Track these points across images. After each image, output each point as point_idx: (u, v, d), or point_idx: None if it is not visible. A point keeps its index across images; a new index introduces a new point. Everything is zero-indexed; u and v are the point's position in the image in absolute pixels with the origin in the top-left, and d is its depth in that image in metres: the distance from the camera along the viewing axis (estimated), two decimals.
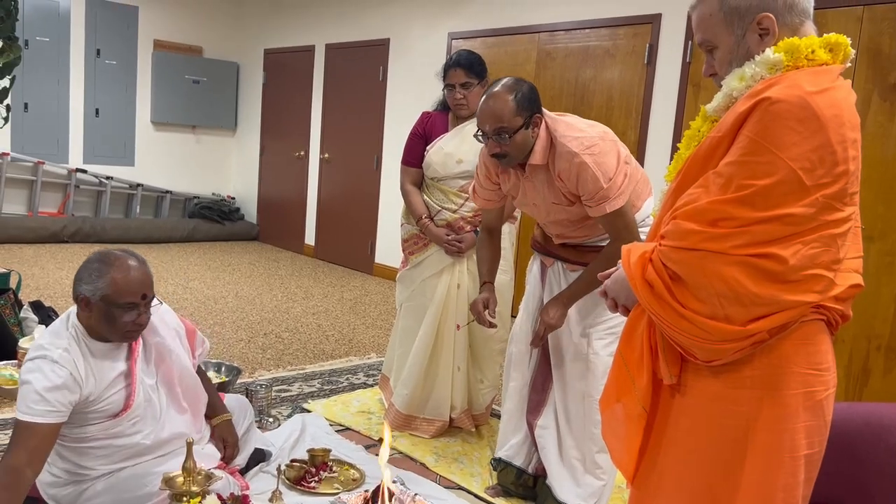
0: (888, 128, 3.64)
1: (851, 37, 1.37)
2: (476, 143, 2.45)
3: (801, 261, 1.22)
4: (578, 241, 2.42)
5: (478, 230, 2.83)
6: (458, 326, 3.05)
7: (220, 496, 2.04)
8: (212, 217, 8.14)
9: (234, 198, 8.66)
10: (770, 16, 1.34)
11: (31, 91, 7.06)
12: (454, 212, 3.05)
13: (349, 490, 2.51)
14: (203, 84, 8.20)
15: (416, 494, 2.34)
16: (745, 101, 1.28)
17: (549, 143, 2.21)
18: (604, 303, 1.53)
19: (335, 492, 2.51)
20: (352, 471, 2.70)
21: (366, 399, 3.55)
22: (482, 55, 3.10)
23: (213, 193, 8.53)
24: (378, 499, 1.93)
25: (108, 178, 7.62)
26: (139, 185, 7.84)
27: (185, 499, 1.96)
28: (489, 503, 2.63)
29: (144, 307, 2.05)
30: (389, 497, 1.92)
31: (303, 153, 7.67)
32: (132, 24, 7.74)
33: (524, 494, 2.64)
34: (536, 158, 2.21)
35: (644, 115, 4.69)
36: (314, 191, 7.58)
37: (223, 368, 3.42)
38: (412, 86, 6.30)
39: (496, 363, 3.18)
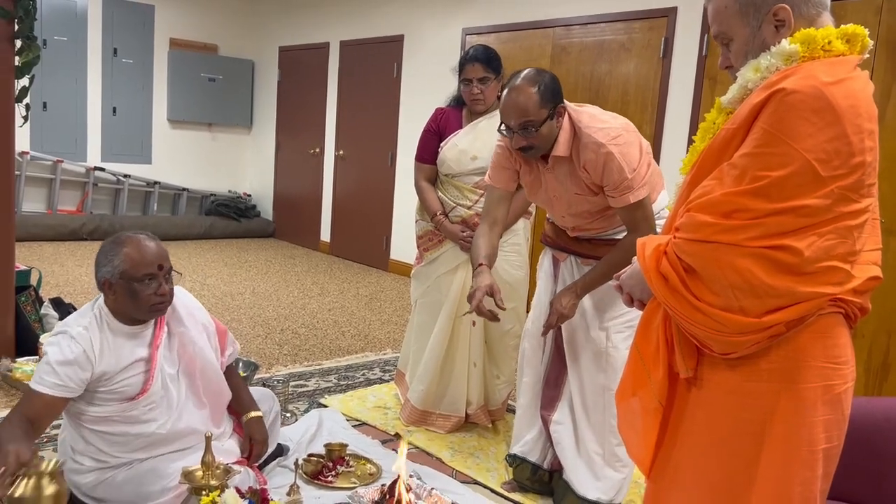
0: None
1: (871, 28, 1.35)
2: (490, 140, 2.45)
3: (816, 252, 1.21)
4: (593, 234, 2.42)
5: None
6: (474, 322, 3.05)
7: (239, 490, 2.05)
8: (228, 214, 8.19)
9: (251, 195, 8.70)
10: (786, 7, 1.33)
11: (50, 90, 7.14)
12: (469, 208, 3.04)
13: (366, 484, 2.52)
14: (219, 82, 8.25)
15: (433, 489, 2.35)
16: (760, 93, 1.27)
17: (573, 134, 2.21)
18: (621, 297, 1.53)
19: (352, 486, 2.53)
20: (368, 465, 2.71)
21: (382, 394, 3.57)
22: (497, 50, 3.09)
23: (230, 191, 8.59)
24: (394, 493, 1.94)
25: (126, 176, 7.68)
26: (156, 183, 7.91)
27: (204, 492, 1.97)
28: (505, 498, 2.64)
29: (164, 277, 2.11)
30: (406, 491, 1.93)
31: (318, 150, 7.70)
32: (148, 23, 7.80)
33: (540, 490, 2.64)
34: (560, 150, 2.20)
35: (660, 109, 4.66)
36: (329, 188, 7.61)
37: (240, 364, 3.44)
38: (426, 82, 6.30)
39: (512, 358, 3.18)
